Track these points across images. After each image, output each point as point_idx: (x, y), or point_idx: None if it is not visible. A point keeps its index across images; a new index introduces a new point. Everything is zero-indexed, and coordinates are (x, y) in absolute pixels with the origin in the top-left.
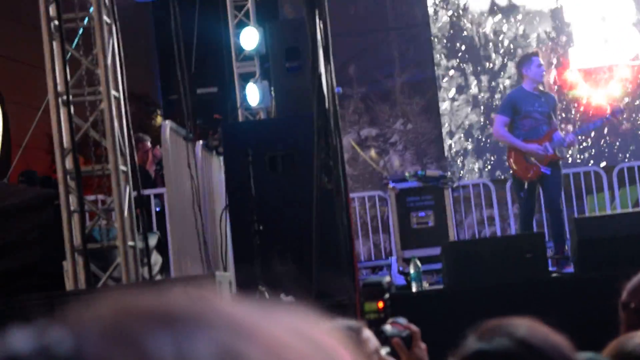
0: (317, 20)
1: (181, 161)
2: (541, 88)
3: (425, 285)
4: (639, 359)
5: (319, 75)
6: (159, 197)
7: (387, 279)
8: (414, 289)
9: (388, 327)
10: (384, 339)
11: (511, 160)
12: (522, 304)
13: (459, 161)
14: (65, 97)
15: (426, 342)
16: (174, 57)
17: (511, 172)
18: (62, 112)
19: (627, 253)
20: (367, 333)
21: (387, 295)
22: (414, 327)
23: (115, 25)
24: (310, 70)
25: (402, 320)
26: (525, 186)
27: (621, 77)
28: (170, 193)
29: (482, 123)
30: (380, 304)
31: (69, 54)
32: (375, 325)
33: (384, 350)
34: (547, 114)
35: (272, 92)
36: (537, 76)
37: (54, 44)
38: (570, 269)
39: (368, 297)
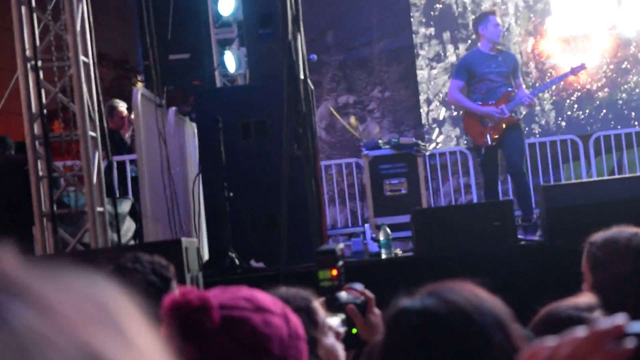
0: None
1: (153, 127)
2: (499, 47)
3: (398, 252)
4: (567, 326)
5: (289, 43)
6: (135, 162)
7: (341, 246)
8: (383, 256)
9: (343, 294)
10: (338, 306)
11: (466, 125)
12: (490, 271)
13: (435, 130)
14: (33, 62)
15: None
16: (155, 22)
17: (469, 138)
18: (31, 77)
19: (595, 221)
20: (316, 302)
21: (340, 263)
22: (369, 294)
23: None
24: (280, 38)
25: (358, 286)
26: (482, 151)
27: (599, 46)
28: (142, 159)
29: None
30: (334, 272)
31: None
32: (330, 293)
33: (338, 318)
34: (505, 74)
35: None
36: (494, 36)
37: (23, 8)
38: (536, 236)
39: (322, 265)
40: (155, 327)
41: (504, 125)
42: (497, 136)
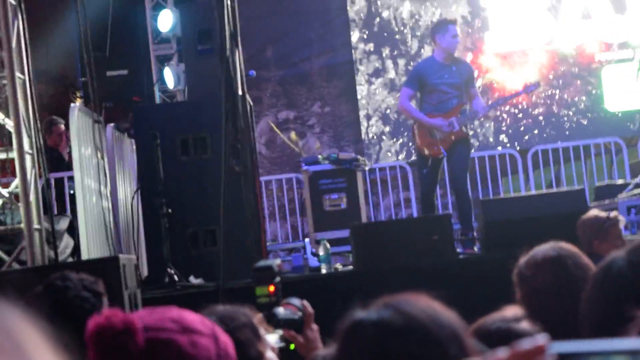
0: (226, 4)
1: (90, 144)
2: (455, 56)
3: (338, 266)
4: (496, 338)
5: (227, 59)
6: (73, 179)
7: (279, 261)
8: (323, 271)
9: (280, 310)
10: (276, 322)
11: (415, 134)
12: (429, 285)
13: (375, 145)
14: None
15: (332, 324)
16: (93, 39)
17: (415, 147)
18: None
19: (532, 234)
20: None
21: (278, 279)
22: (308, 309)
23: (20, 7)
24: (219, 54)
25: (296, 302)
26: (429, 162)
27: (536, 61)
28: (78, 176)
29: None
30: (272, 288)
31: None
32: (268, 309)
33: (276, 334)
34: (457, 85)
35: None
36: (451, 47)
37: None
38: (475, 250)
39: (259, 281)
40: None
41: (453, 138)
42: (445, 148)
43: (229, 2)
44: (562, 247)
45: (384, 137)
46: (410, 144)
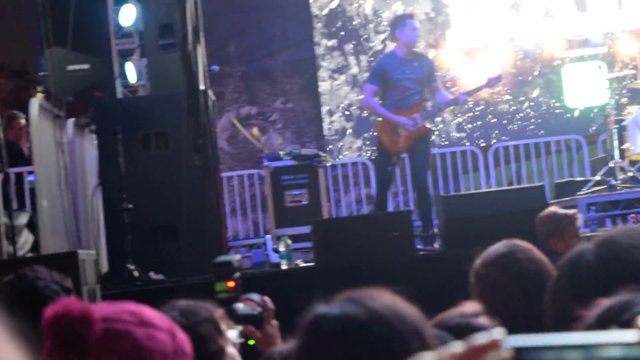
0: None
1: (50, 139)
2: (415, 51)
3: (299, 263)
4: (455, 332)
5: (189, 54)
6: (33, 174)
7: (238, 257)
8: (283, 267)
9: (240, 306)
10: (235, 318)
11: (379, 131)
12: (389, 281)
13: (338, 142)
14: None
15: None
16: (54, 33)
17: (377, 144)
18: None
19: (492, 231)
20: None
21: (237, 274)
22: (268, 305)
23: None
24: (180, 49)
25: (255, 297)
26: (394, 160)
27: (498, 57)
28: (39, 171)
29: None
30: (231, 283)
31: None
32: (227, 304)
33: (235, 330)
34: (419, 80)
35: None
36: (411, 40)
37: None
38: (437, 246)
39: (219, 276)
40: None
41: (416, 135)
42: (408, 145)
43: None
44: (514, 243)
45: (346, 133)
46: (371, 138)
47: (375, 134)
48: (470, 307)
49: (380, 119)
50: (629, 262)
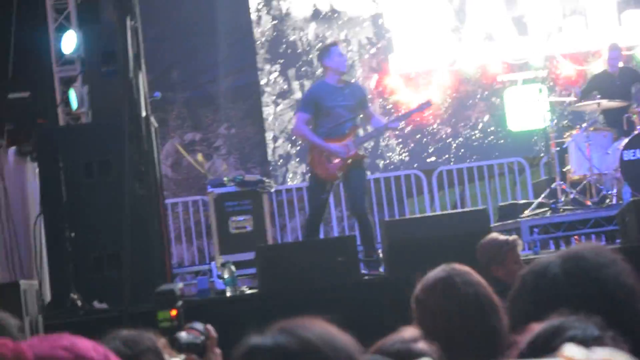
0: (129, 25)
1: None
2: (346, 79)
3: (244, 289)
4: (396, 358)
5: (130, 81)
6: None
7: (181, 285)
8: (228, 294)
9: (183, 335)
10: (178, 347)
11: (312, 159)
12: (334, 306)
13: (282, 167)
14: None
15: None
16: None
17: (311, 172)
18: None
19: (436, 255)
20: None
21: (179, 303)
22: (211, 333)
23: None
24: (121, 76)
25: (198, 326)
26: (328, 187)
27: (440, 82)
28: None
29: None
30: (174, 312)
31: None
32: (170, 333)
33: (178, 359)
34: (351, 107)
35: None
36: (340, 66)
37: None
38: (382, 271)
39: (161, 305)
40: None
41: (349, 162)
42: (342, 173)
43: (132, 24)
44: (452, 267)
45: (290, 159)
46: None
47: (308, 161)
48: (410, 332)
49: (312, 146)
50: (596, 280)
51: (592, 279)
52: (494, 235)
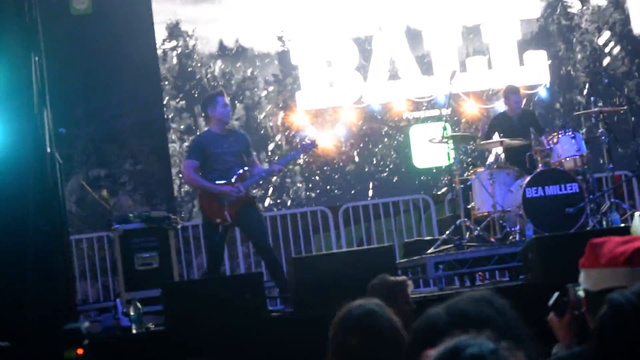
0: (34, 60)
1: None
2: (229, 128)
3: (150, 326)
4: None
5: (34, 117)
6: None
7: (87, 324)
8: (133, 331)
9: None
10: None
11: (203, 203)
12: (242, 344)
13: (188, 203)
14: None
15: None
16: None
17: (203, 216)
18: None
19: (343, 291)
20: None
21: (86, 342)
22: None
23: None
24: (26, 112)
25: None
26: (220, 229)
27: (346, 119)
28: None
29: None
30: (80, 351)
31: None
32: None
33: None
34: (237, 153)
35: None
36: (223, 116)
37: None
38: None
39: (67, 344)
40: None
41: (240, 203)
42: (234, 213)
43: (37, 59)
44: (369, 303)
45: (196, 195)
46: None
47: (200, 206)
48: None
49: (201, 191)
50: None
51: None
52: (384, 276)
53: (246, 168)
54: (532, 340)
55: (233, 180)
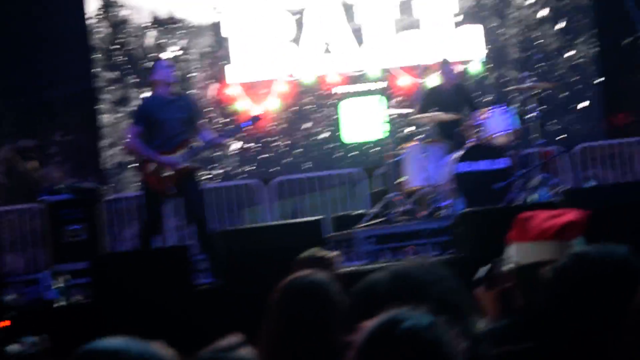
0: None
1: None
2: (177, 91)
3: (78, 298)
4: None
5: None
6: None
7: (12, 296)
8: (62, 303)
9: (15, 347)
10: (9, 359)
11: (144, 172)
12: (167, 316)
13: (118, 175)
14: None
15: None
16: None
17: (143, 185)
18: None
19: (271, 265)
20: None
21: (12, 313)
22: (44, 343)
23: None
24: None
25: (31, 337)
26: (160, 199)
27: (279, 92)
28: None
29: None
30: (6, 323)
31: None
32: (1, 346)
33: None
34: (184, 120)
35: None
36: (168, 77)
37: None
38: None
39: None
40: None
41: (181, 173)
42: (175, 184)
43: None
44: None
45: (127, 167)
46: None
47: (141, 174)
48: (230, 339)
49: (145, 159)
50: (422, 298)
51: (419, 297)
52: (314, 250)
53: (189, 137)
54: (472, 309)
55: (175, 148)
